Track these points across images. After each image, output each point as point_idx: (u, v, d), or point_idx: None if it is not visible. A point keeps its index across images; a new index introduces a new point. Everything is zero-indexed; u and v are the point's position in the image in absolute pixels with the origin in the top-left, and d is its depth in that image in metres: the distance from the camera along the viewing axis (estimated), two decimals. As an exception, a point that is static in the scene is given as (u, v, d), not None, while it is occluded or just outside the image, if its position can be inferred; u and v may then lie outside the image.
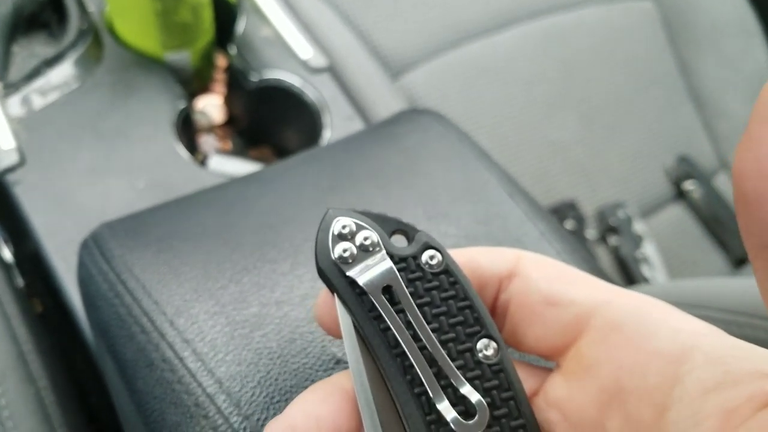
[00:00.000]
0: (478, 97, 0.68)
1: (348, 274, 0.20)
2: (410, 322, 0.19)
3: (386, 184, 0.34)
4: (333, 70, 0.53)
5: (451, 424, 0.18)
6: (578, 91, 0.71)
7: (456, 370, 0.19)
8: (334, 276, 0.20)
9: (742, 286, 0.37)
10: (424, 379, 0.18)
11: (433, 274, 0.20)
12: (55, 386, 0.44)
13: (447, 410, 0.18)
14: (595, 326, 0.19)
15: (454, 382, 0.19)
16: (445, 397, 0.18)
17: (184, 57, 0.54)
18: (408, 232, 0.21)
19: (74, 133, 0.47)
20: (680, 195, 0.71)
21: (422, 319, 0.19)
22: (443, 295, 0.20)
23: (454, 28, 0.69)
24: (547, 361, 0.21)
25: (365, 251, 0.20)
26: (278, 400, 0.26)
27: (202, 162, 0.53)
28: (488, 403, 0.19)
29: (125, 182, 0.46)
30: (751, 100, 0.77)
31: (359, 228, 0.20)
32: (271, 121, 0.55)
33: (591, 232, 0.67)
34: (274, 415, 0.25)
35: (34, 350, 0.45)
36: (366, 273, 0.20)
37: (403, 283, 0.19)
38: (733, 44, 0.80)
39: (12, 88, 0.48)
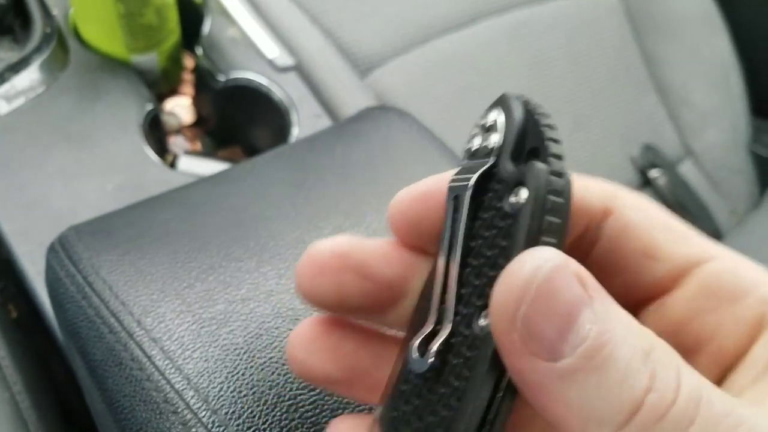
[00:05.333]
0: (447, 93, 0.69)
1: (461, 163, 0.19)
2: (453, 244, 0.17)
3: (351, 181, 0.34)
4: (300, 69, 0.54)
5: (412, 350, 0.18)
6: (545, 84, 0.73)
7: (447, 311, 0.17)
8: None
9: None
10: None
11: (505, 214, 0.16)
12: (30, 390, 0.44)
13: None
14: (689, 285, 0.18)
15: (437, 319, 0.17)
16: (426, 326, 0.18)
17: (150, 59, 0.54)
18: (543, 156, 0.17)
19: (42, 137, 0.47)
20: (646, 183, 0.73)
21: (458, 256, 0.17)
22: (496, 242, 0.16)
23: (422, 23, 0.69)
24: None
25: (478, 154, 0.18)
26: (245, 394, 0.26)
27: (172, 163, 0.53)
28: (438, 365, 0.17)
29: (95, 185, 0.46)
30: (714, 89, 0.79)
31: (492, 129, 0.18)
32: (239, 121, 0.55)
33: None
34: (242, 408, 0.26)
35: (8, 355, 0.45)
36: (459, 173, 0.18)
37: (464, 213, 0.17)
38: (696, 35, 0.82)
39: (-23, 93, 0.48)
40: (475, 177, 0.17)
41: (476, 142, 0.18)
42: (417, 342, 0.18)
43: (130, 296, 0.29)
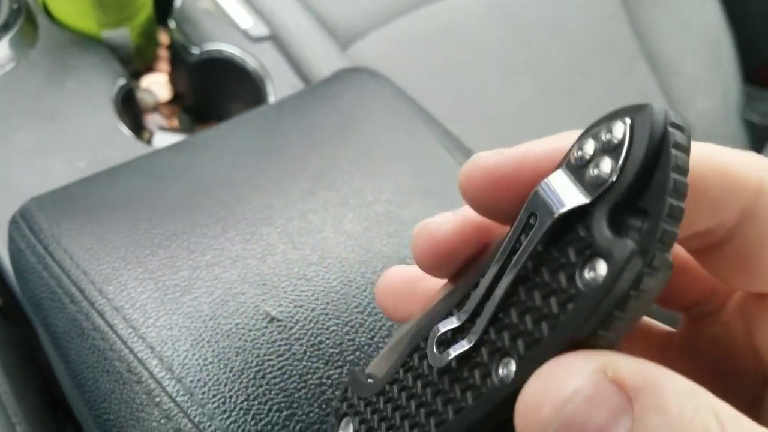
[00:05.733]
0: (432, 64, 0.67)
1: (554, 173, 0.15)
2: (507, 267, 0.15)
3: (321, 144, 0.33)
4: (277, 40, 0.52)
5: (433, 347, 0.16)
6: (534, 57, 0.71)
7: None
8: None
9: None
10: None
11: (573, 278, 0.13)
12: (10, 376, 0.43)
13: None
14: None
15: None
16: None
17: (123, 34, 0.53)
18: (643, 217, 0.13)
19: (11, 114, 0.46)
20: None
21: (510, 279, 0.15)
22: (550, 300, 0.14)
23: (404, -6, 0.68)
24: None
25: (583, 169, 0.14)
26: (211, 361, 0.25)
27: (149, 141, 0.52)
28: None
29: (66, 162, 0.45)
30: (705, 57, 0.77)
31: (609, 150, 0.14)
32: (216, 94, 0.54)
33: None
34: (207, 376, 0.25)
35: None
36: (553, 181, 0.15)
37: (536, 240, 0.14)
38: (686, 4, 0.80)
39: (-56, 73, 0.47)
40: (562, 211, 0.14)
41: (588, 150, 0.14)
42: (440, 332, 0.16)
43: (92, 265, 0.28)
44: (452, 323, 0.16)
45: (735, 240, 0.16)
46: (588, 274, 0.13)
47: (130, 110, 0.52)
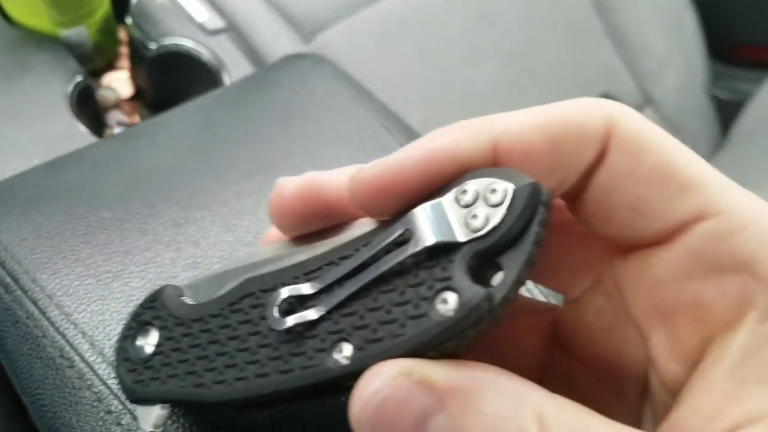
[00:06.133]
0: (397, 53, 0.67)
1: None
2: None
3: (261, 129, 0.33)
4: (235, 32, 0.52)
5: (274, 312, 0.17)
6: (497, 39, 0.71)
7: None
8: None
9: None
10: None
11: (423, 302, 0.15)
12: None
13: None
14: (677, 246, 0.16)
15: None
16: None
17: (80, 33, 0.53)
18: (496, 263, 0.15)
19: (-34, 117, 0.46)
20: (606, 133, 0.72)
21: (371, 277, 0.16)
22: (395, 311, 0.16)
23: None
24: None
25: (464, 212, 0.16)
26: (143, 343, 0.26)
27: (110, 137, 0.52)
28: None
29: (22, 162, 0.45)
30: (668, 32, 0.77)
31: (489, 203, 0.16)
32: (175, 89, 0.54)
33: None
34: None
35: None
36: (432, 209, 0.16)
37: (407, 255, 0.16)
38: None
39: None
40: (437, 241, 0.15)
41: (470, 196, 0.16)
42: (285, 296, 0.17)
43: (26, 254, 0.28)
44: (301, 291, 0.17)
45: (593, 184, 0.16)
46: (440, 306, 0.15)
47: (90, 108, 0.52)
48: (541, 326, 0.19)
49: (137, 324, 0.20)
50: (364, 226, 0.18)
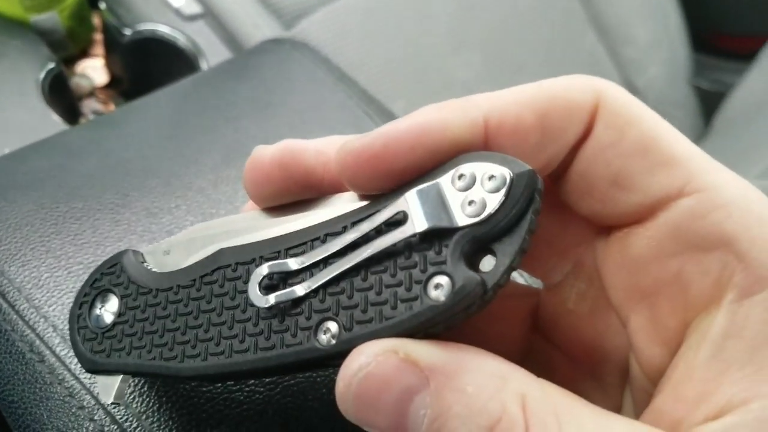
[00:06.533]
0: (379, 40, 0.66)
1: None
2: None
3: (237, 115, 0.32)
4: (214, 19, 0.51)
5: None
6: (480, 28, 0.71)
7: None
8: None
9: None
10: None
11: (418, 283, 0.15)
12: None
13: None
14: (657, 222, 0.16)
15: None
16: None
17: (51, 18, 0.51)
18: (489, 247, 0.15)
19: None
20: (589, 122, 0.72)
21: (361, 258, 0.16)
22: (386, 292, 0.15)
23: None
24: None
25: (460, 194, 0.15)
26: (116, 336, 0.25)
27: (84, 126, 0.51)
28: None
29: (-8, 150, 0.44)
30: (651, 22, 0.77)
31: (485, 187, 0.15)
32: (151, 76, 0.53)
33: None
34: (113, 352, 0.24)
35: None
36: (428, 191, 0.15)
37: (396, 239, 0.15)
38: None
39: None
40: (433, 226, 0.15)
41: (467, 180, 0.15)
42: (268, 272, 0.16)
43: (-7, 246, 0.27)
44: (287, 267, 0.16)
45: (577, 159, 0.16)
46: (432, 290, 0.14)
47: (64, 96, 0.50)
48: (521, 311, 0.19)
49: (95, 290, 0.19)
50: (345, 201, 0.17)
